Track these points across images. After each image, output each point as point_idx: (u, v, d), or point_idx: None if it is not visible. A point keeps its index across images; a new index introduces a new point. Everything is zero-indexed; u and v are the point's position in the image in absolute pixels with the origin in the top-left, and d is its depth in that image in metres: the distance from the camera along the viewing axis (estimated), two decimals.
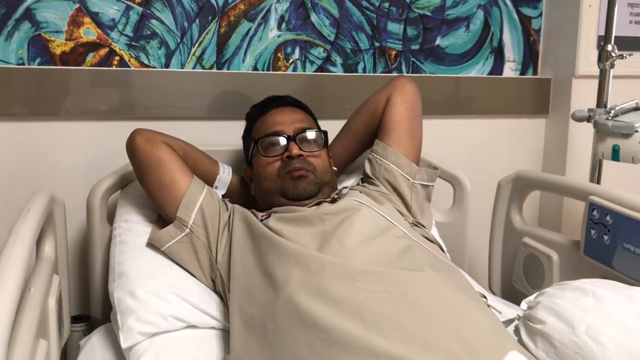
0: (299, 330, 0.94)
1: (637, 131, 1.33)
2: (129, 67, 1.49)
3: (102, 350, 1.18)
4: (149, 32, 1.49)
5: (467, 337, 0.89)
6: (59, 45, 1.43)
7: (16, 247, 0.88)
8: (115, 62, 1.48)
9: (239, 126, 1.44)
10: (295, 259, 1.04)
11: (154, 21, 1.49)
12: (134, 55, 1.49)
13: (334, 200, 1.22)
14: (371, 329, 0.89)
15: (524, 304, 1.11)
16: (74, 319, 1.35)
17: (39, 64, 1.42)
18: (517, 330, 1.09)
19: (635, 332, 0.90)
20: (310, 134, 1.29)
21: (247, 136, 1.38)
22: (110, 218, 1.35)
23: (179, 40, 1.52)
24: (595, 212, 1.25)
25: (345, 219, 1.12)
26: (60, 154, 1.47)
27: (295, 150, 1.25)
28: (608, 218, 1.22)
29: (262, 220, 1.18)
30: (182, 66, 1.53)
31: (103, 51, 1.46)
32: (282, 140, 1.27)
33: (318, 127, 1.35)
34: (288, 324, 0.96)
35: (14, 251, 0.86)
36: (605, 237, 1.23)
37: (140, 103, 1.50)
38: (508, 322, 1.13)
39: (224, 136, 1.52)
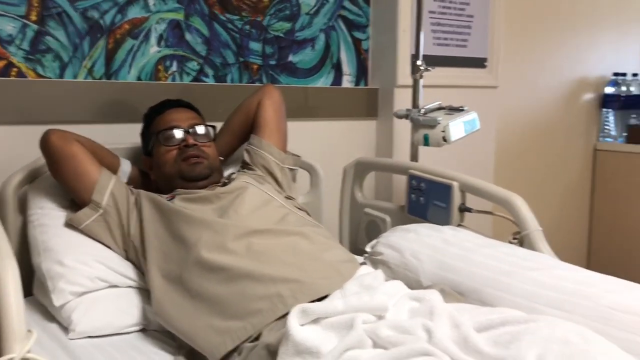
0: (209, 275, 1.25)
1: (439, 123, 1.81)
2: (26, 77, 1.68)
3: (28, 316, 1.38)
4: (44, 47, 1.69)
5: (332, 262, 1.27)
6: None
7: None
8: (13, 73, 1.66)
9: (127, 128, 1.71)
10: (203, 224, 1.34)
11: (48, 37, 1.70)
12: (30, 67, 1.68)
13: (224, 184, 1.54)
14: (264, 265, 1.23)
15: (367, 247, 1.52)
16: None
17: None
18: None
19: (440, 249, 1.35)
20: (202, 129, 1.58)
21: (146, 131, 1.62)
22: (21, 209, 1.55)
23: (71, 54, 1.74)
24: (414, 181, 1.71)
25: (238, 196, 1.44)
26: None
27: (191, 140, 1.53)
28: (422, 185, 1.68)
29: (168, 201, 1.47)
30: (75, 77, 1.75)
31: (2, 63, 1.64)
32: (179, 133, 1.55)
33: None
34: (201, 272, 1.26)
35: None
36: (422, 199, 1.69)
37: (38, 109, 1.68)
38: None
39: (115, 137, 1.76)
